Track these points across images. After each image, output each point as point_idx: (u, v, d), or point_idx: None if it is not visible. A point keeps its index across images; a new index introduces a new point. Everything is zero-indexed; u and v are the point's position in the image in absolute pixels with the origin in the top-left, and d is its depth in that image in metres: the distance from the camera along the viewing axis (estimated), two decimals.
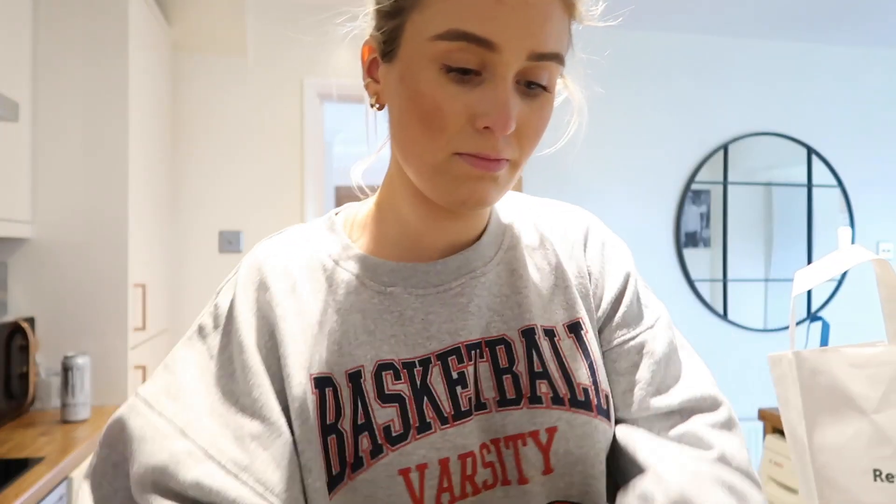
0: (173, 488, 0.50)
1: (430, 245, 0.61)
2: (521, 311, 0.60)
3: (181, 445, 0.52)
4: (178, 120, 2.81)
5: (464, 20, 0.49)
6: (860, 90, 3.50)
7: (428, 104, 0.52)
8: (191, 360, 0.58)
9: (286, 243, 0.66)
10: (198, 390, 0.56)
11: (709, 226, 3.31)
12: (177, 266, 2.80)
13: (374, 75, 0.60)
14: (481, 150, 0.52)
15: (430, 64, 0.51)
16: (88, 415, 1.87)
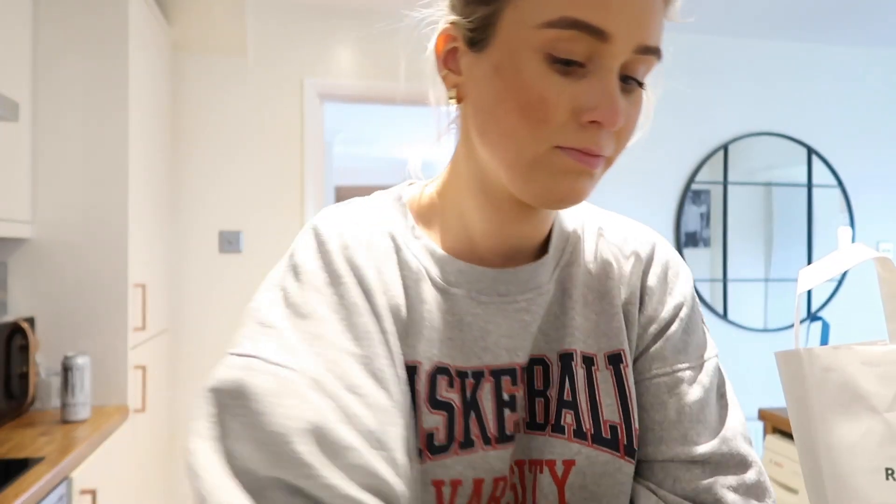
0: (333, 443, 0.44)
1: (492, 248, 0.58)
2: (565, 334, 0.57)
3: (322, 402, 0.45)
4: (178, 120, 2.81)
5: (576, 7, 0.46)
6: (860, 90, 3.50)
7: (531, 95, 0.48)
8: (285, 321, 0.50)
9: (359, 215, 0.58)
10: (304, 349, 0.48)
11: (709, 226, 3.31)
12: (177, 266, 2.80)
13: (453, 66, 0.55)
14: (585, 144, 0.49)
15: (534, 53, 0.48)
16: (88, 415, 1.87)
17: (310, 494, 0.43)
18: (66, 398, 1.84)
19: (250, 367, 0.47)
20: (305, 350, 0.48)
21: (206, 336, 2.84)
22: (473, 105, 0.53)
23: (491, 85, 0.51)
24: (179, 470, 2.81)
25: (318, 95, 2.98)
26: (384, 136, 5.96)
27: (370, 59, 3.00)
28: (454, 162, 0.60)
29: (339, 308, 0.51)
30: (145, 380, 2.16)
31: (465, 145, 0.57)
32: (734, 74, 3.35)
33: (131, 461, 2.09)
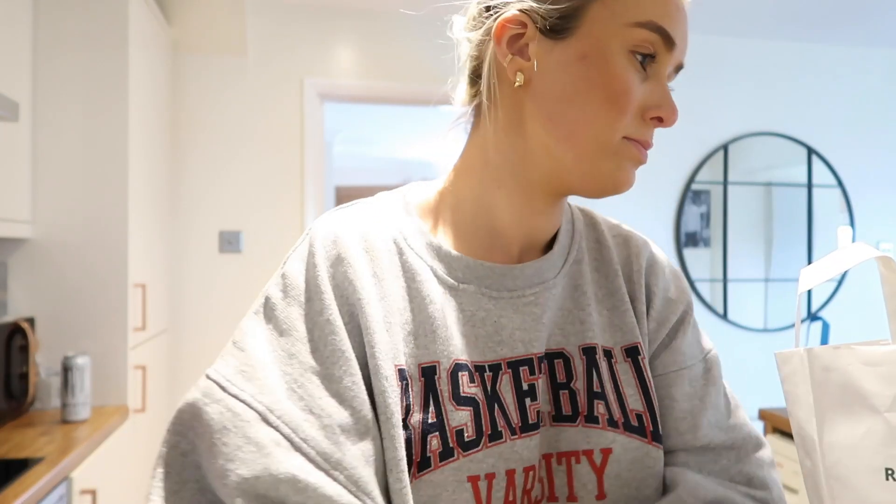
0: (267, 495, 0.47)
1: (511, 240, 0.60)
2: (584, 329, 0.60)
3: (266, 434, 0.48)
4: (177, 120, 2.81)
5: (659, 15, 0.53)
6: (860, 90, 3.50)
7: (619, 86, 0.53)
8: (261, 336, 0.53)
9: (360, 219, 0.59)
10: (273, 370, 0.51)
11: (709, 226, 3.31)
12: (177, 266, 2.80)
13: (519, 51, 0.56)
14: (644, 137, 0.55)
15: (622, 48, 0.53)
16: (88, 415, 1.87)
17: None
18: (66, 398, 1.84)
19: (208, 395, 0.51)
20: (272, 371, 0.51)
21: (206, 336, 2.84)
22: (543, 91, 0.55)
23: (573, 73, 0.54)
24: None
25: (318, 95, 2.98)
26: (384, 136, 5.96)
27: (370, 59, 3.00)
28: (473, 156, 0.62)
29: (314, 326, 0.52)
30: (145, 380, 2.16)
31: (505, 133, 0.58)
32: (734, 74, 3.35)
33: (131, 461, 2.09)
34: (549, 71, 0.55)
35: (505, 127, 0.58)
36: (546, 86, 0.55)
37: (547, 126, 0.55)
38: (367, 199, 0.63)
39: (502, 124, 0.59)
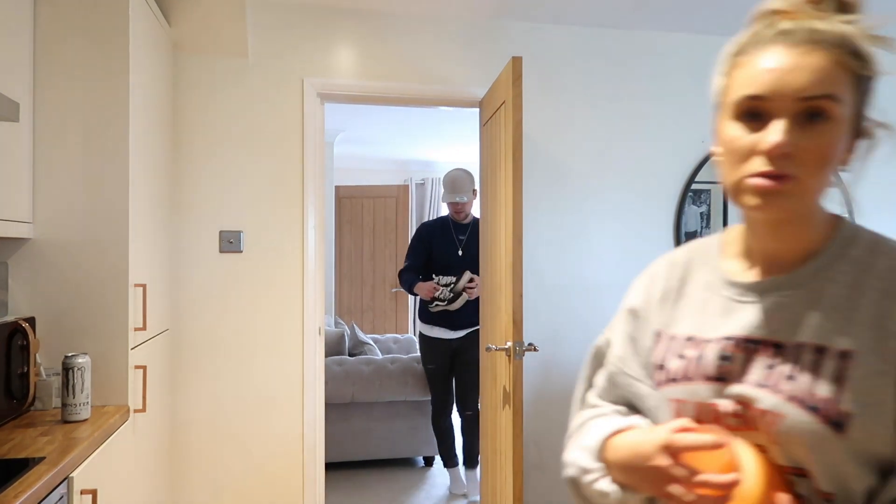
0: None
1: (762, 258, 0.82)
2: (803, 328, 0.76)
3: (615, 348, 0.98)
4: (178, 120, 2.81)
5: (746, 87, 0.76)
6: None
7: (731, 145, 0.77)
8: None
9: (690, 247, 0.99)
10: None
11: (709, 226, 3.31)
12: (177, 266, 2.81)
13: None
14: (764, 168, 0.73)
15: (730, 119, 0.78)
16: (88, 415, 1.87)
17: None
18: (67, 398, 1.84)
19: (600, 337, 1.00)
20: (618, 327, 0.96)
21: (206, 336, 2.84)
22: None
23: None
24: (180, 469, 2.82)
25: (318, 95, 2.98)
26: (384, 136, 5.96)
27: (370, 59, 3.00)
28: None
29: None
30: (145, 380, 2.16)
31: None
32: None
33: (132, 461, 2.10)
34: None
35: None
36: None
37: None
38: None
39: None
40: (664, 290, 0.91)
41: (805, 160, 0.72)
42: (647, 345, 0.90)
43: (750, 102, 0.74)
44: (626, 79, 3.23)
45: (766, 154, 0.72)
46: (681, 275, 0.91)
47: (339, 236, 6.69)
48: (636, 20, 3.14)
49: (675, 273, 0.92)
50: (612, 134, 3.21)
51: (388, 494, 3.62)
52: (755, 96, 0.74)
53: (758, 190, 0.73)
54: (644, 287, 0.95)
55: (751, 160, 0.74)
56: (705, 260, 0.90)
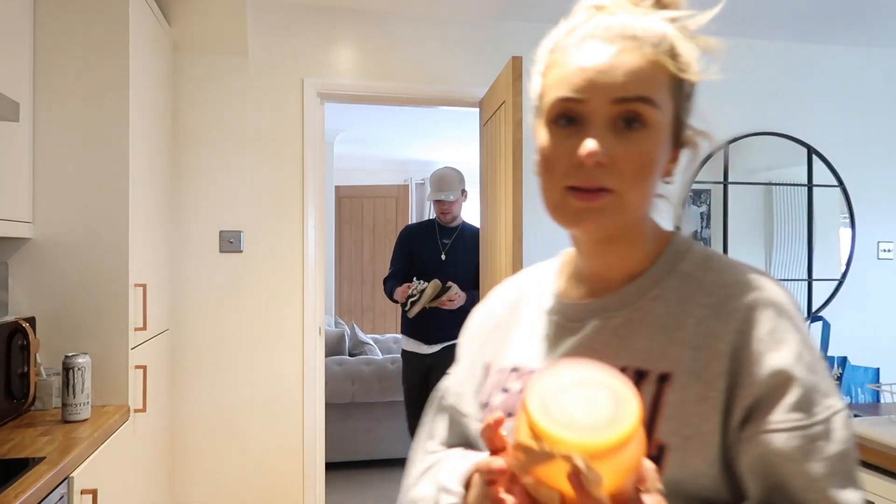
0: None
1: (590, 277, 0.76)
2: (620, 351, 0.68)
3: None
4: (178, 120, 2.81)
5: (560, 88, 0.67)
6: (860, 90, 3.50)
7: (545, 155, 0.69)
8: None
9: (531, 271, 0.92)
10: None
11: (709, 226, 3.31)
12: (177, 266, 2.80)
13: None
14: (579, 179, 0.65)
15: (544, 124, 0.69)
16: (89, 415, 1.87)
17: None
18: (67, 398, 1.84)
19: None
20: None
21: (206, 336, 2.84)
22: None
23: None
24: (180, 469, 2.81)
25: (318, 95, 2.98)
26: (384, 136, 5.95)
27: (370, 59, 3.00)
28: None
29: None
30: (146, 380, 2.16)
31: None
32: (734, 74, 3.34)
33: (132, 461, 2.10)
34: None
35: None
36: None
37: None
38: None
39: None
40: (498, 318, 0.83)
41: (623, 170, 0.65)
42: (479, 380, 0.80)
43: (564, 105, 0.66)
44: None
45: (580, 164, 0.64)
46: (515, 300, 0.83)
47: (339, 236, 6.69)
48: None
49: (508, 299, 0.84)
50: None
51: (388, 494, 3.62)
52: (568, 98, 0.65)
53: (575, 207, 0.66)
54: (481, 316, 0.87)
55: (567, 172, 0.66)
56: (540, 284, 0.82)
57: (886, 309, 3.44)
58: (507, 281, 0.89)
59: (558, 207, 0.67)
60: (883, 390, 2.19)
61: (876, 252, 3.47)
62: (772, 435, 0.59)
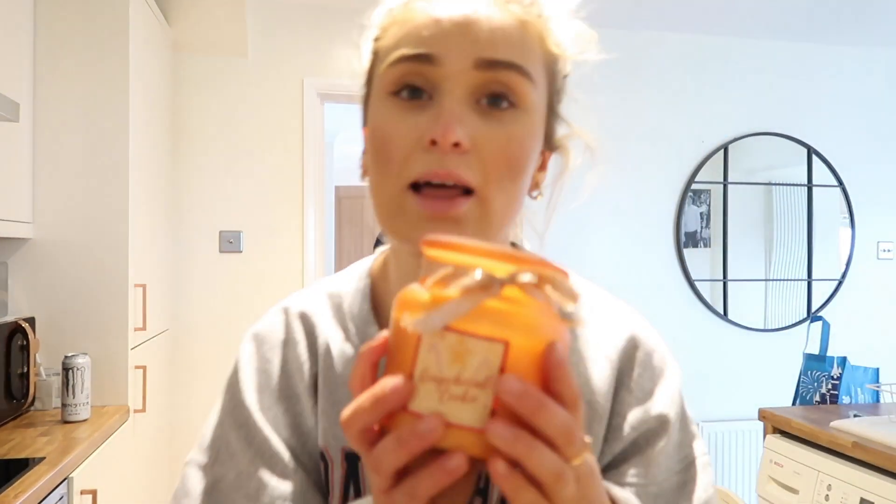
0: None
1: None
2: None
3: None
4: (178, 120, 2.81)
5: (404, 45, 0.50)
6: (860, 90, 3.50)
7: (378, 136, 0.51)
8: None
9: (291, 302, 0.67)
10: None
11: (709, 226, 3.31)
12: (177, 266, 2.80)
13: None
14: (429, 167, 0.48)
15: (383, 97, 0.51)
16: (88, 415, 1.87)
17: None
18: (67, 398, 1.84)
19: (186, 469, 0.59)
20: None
21: (206, 336, 2.84)
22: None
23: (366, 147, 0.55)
24: (180, 469, 2.81)
25: (318, 95, 2.98)
26: None
27: None
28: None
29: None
30: (145, 380, 2.16)
31: None
32: (734, 74, 3.35)
33: (132, 461, 2.09)
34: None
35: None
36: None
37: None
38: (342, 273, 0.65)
39: None
40: (280, 382, 0.57)
41: (488, 162, 0.48)
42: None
43: (408, 67, 0.49)
44: (625, 78, 3.23)
45: (430, 146, 0.47)
46: (301, 347, 0.58)
47: (339, 236, 6.69)
48: (636, 20, 3.14)
49: (295, 350, 0.58)
50: (611, 134, 3.21)
51: None
52: (415, 56, 0.49)
53: (420, 215, 0.48)
54: (255, 371, 0.58)
55: (411, 159, 0.48)
56: (345, 316, 0.58)
57: (886, 309, 3.44)
58: (285, 310, 0.60)
59: (395, 214, 0.49)
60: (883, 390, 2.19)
61: (876, 252, 3.47)
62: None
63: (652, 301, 3.18)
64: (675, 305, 3.24)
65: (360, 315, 0.58)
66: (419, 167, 0.48)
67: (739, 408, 3.15)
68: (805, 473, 1.86)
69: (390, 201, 0.50)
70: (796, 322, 3.33)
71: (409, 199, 0.49)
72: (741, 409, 3.13)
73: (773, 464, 2.02)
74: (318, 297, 0.61)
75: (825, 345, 2.47)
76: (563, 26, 0.55)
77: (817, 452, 1.85)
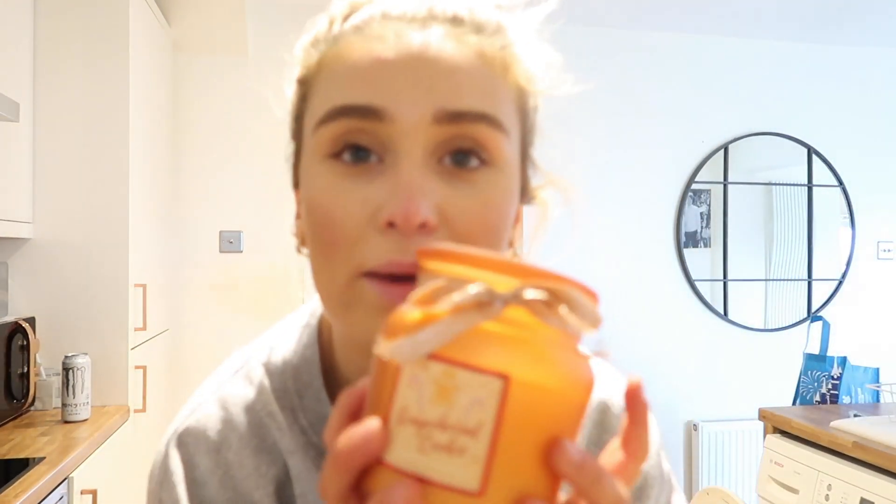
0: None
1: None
2: None
3: None
4: (178, 120, 2.81)
5: (341, 94, 0.39)
6: (860, 90, 3.50)
7: (318, 214, 0.40)
8: None
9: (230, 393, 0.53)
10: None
11: (709, 226, 3.31)
12: (177, 266, 2.80)
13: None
14: (390, 256, 0.38)
15: (317, 163, 0.41)
16: (88, 415, 1.87)
17: None
18: (67, 398, 1.84)
19: None
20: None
21: (206, 336, 2.84)
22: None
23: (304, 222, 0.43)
24: None
25: None
26: None
27: None
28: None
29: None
30: (146, 380, 2.16)
31: None
32: (734, 74, 3.35)
33: (132, 461, 2.09)
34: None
35: None
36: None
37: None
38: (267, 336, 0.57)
39: None
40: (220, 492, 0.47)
41: (462, 236, 0.39)
42: None
43: (352, 124, 0.39)
44: (625, 78, 3.22)
45: (388, 230, 0.38)
46: (254, 449, 0.48)
47: None
48: (636, 20, 3.14)
49: (237, 446, 0.48)
50: (611, 133, 3.21)
51: None
52: (360, 108, 0.39)
53: (377, 304, 0.38)
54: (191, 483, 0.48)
55: (363, 243, 0.39)
56: (293, 402, 0.49)
57: (886, 309, 3.44)
58: (214, 412, 0.49)
59: (347, 305, 0.40)
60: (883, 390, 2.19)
61: (876, 252, 3.47)
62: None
63: (652, 301, 3.18)
64: (675, 305, 3.24)
65: (311, 394, 0.48)
66: (375, 256, 0.38)
67: (739, 408, 3.15)
68: (805, 473, 1.86)
69: (339, 291, 0.40)
70: (796, 322, 3.33)
71: (363, 287, 0.39)
72: (741, 409, 3.13)
73: (773, 464, 2.02)
74: (255, 377, 0.50)
75: (825, 345, 2.47)
76: (531, 54, 0.46)
77: (817, 452, 1.85)
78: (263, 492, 0.46)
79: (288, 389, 0.49)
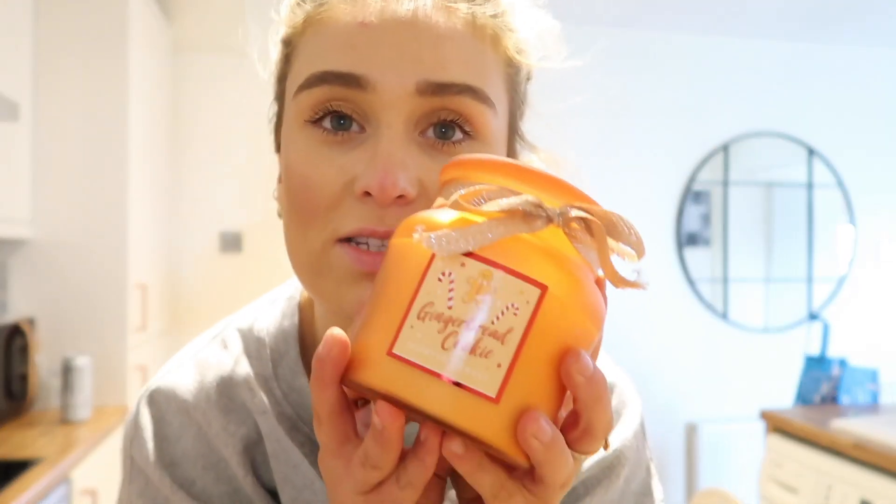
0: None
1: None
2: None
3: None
4: (177, 120, 2.81)
5: (324, 59, 0.38)
6: (860, 90, 3.50)
7: (295, 181, 0.40)
8: None
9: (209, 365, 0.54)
10: None
11: (709, 226, 3.31)
12: (177, 266, 2.80)
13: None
14: (364, 223, 0.38)
15: (298, 129, 0.40)
16: (89, 415, 1.87)
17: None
18: (67, 398, 1.84)
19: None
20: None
21: None
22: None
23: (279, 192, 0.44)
24: None
25: None
26: None
27: None
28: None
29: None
30: (146, 380, 2.16)
31: None
32: (734, 74, 3.35)
33: None
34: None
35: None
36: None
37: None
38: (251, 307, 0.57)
39: None
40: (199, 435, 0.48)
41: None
42: None
43: (333, 92, 0.38)
44: (625, 78, 3.22)
45: (365, 198, 0.38)
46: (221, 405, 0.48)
47: None
48: (636, 20, 3.14)
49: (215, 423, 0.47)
50: (611, 133, 3.21)
51: None
52: (342, 75, 0.38)
53: (352, 272, 0.38)
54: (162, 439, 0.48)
55: (339, 211, 0.39)
56: (265, 376, 0.48)
57: (886, 309, 3.44)
58: (192, 362, 0.50)
59: (319, 272, 0.40)
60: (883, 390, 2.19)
61: (876, 252, 3.47)
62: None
63: (652, 301, 3.18)
64: (675, 305, 3.23)
65: (286, 363, 0.48)
66: (351, 223, 0.38)
67: (740, 408, 3.15)
68: (805, 474, 1.86)
69: (313, 258, 0.40)
70: (796, 322, 3.33)
71: (336, 253, 0.39)
72: (741, 410, 3.13)
73: (773, 464, 2.02)
74: (231, 342, 0.50)
75: (825, 345, 2.47)
76: (523, 23, 0.44)
77: (818, 453, 1.85)
78: (232, 450, 0.46)
79: (263, 357, 0.49)
